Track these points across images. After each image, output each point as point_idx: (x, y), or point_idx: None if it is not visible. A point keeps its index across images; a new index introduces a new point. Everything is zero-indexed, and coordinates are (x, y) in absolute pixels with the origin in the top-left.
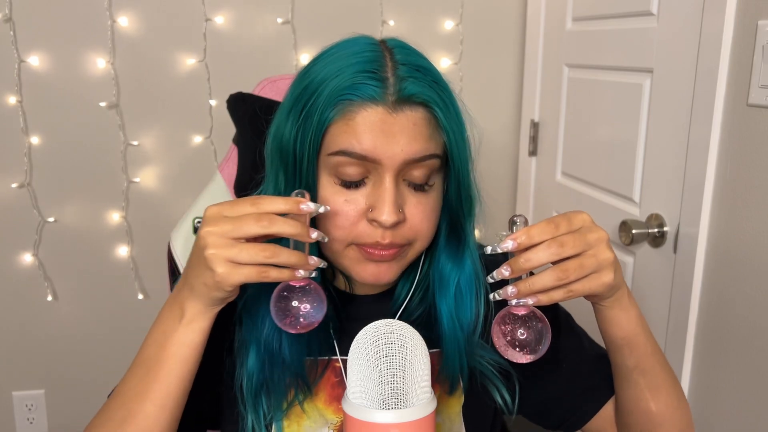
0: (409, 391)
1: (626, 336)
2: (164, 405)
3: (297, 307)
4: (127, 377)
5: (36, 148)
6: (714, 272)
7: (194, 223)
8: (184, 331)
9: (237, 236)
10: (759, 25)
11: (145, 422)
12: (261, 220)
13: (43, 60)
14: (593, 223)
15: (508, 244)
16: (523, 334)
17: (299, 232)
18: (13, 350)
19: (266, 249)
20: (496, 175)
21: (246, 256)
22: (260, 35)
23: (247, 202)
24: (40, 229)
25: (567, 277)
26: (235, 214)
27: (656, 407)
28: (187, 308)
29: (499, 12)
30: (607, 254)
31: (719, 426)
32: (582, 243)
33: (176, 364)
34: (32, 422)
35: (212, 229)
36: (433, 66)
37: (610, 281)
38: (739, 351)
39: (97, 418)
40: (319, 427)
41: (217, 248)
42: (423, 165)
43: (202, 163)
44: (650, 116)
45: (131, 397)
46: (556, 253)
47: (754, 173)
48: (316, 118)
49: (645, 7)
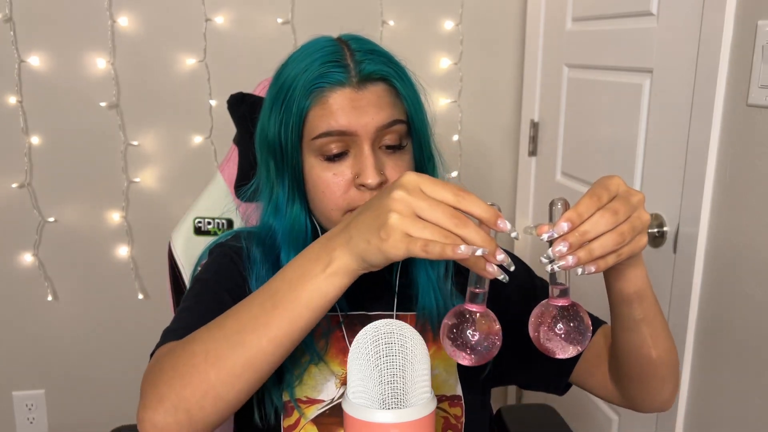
0: (409, 391)
1: (638, 290)
2: (280, 345)
3: (470, 336)
4: (249, 304)
5: (36, 148)
6: (714, 272)
7: (194, 223)
8: (325, 281)
9: (425, 217)
10: (759, 25)
11: (256, 355)
12: (455, 218)
13: (43, 60)
14: (627, 186)
15: (563, 227)
16: (572, 326)
17: (485, 245)
18: (13, 350)
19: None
20: (496, 175)
21: (427, 235)
22: (260, 35)
23: (450, 190)
24: (40, 229)
25: (623, 241)
26: (433, 195)
27: (656, 353)
28: (335, 258)
29: (499, 12)
30: (646, 216)
31: (719, 426)
32: (630, 207)
33: (305, 309)
34: (32, 422)
35: (406, 197)
36: (384, 49)
37: (645, 242)
38: (738, 351)
39: (209, 334)
40: (325, 379)
41: (403, 216)
42: (392, 130)
43: (202, 163)
44: (650, 116)
45: (250, 326)
46: (612, 222)
47: (754, 173)
48: (295, 108)
49: (645, 7)
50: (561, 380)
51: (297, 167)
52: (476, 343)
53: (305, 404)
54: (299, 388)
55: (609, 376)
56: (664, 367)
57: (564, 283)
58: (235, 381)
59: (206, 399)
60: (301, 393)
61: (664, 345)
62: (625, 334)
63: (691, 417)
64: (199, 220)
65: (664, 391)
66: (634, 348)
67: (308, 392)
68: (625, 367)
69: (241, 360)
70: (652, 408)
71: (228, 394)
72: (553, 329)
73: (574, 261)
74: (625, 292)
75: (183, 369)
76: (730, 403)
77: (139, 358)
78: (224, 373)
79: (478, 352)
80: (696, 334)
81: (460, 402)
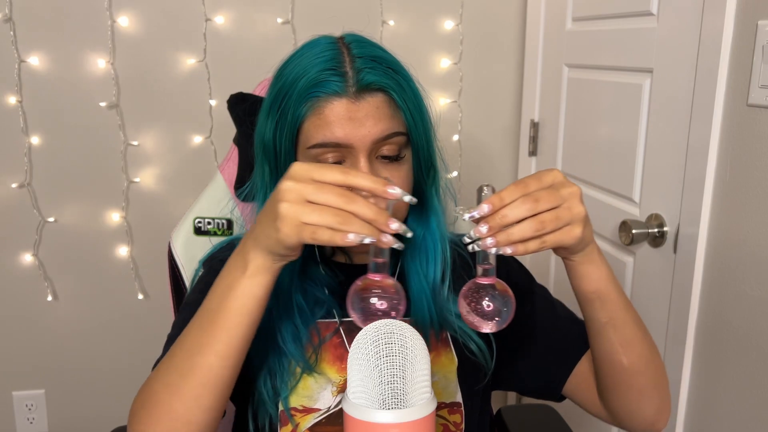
0: (409, 391)
1: (597, 290)
2: (227, 356)
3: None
4: (190, 329)
5: (36, 148)
6: (714, 272)
7: (194, 224)
8: (248, 284)
9: (314, 200)
10: (759, 25)
11: (207, 374)
12: (343, 196)
13: (43, 60)
14: (565, 179)
15: (483, 208)
16: (489, 305)
17: (376, 218)
18: (13, 350)
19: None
20: (496, 175)
21: (317, 218)
22: (260, 35)
23: (338, 170)
24: (40, 229)
25: (543, 228)
26: (321, 179)
27: (628, 361)
28: (250, 260)
29: (499, 12)
30: (580, 208)
31: (719, 426)
32: (556, 197)
33: (239, 316)
34: (32, 422)
35: (293, 185)
36: (388, 54)
37: (580, 234)
38: (738, 351)
39: (163, 367)
40: (323, 386)
41: (292, 204)
42: (390, 142)
43: (202, 163)
44: (650, 116)
45: (195, 348)
46: (531, 208)
47: (754, 173)
48: (290, 116)
49: (645, 7)
50: (554, 390)
51: None
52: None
53: (301, 413)
54: (294, 397)
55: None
56: (641, 378)
57: (489, 263)
58: (199, 403)
59: (178, 428)
60: (297, 402)
61: (638, 353)
62: (595, 338)
63: (691, 417)
64: (199, 220)
65: (645, 407)
66: (605, 354)
67: (304, 401)
68: (600, 376)
69: (196, 383)
70: (638, 426)
71: (197, 416)
72: (474, 305)
73: (492, 242)
74: (583, 290)
75: (150, 406)
76: (730, 403)
77: (139, 358)
78: (186, 399)
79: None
80: (696, 334)
81: (459, 409)
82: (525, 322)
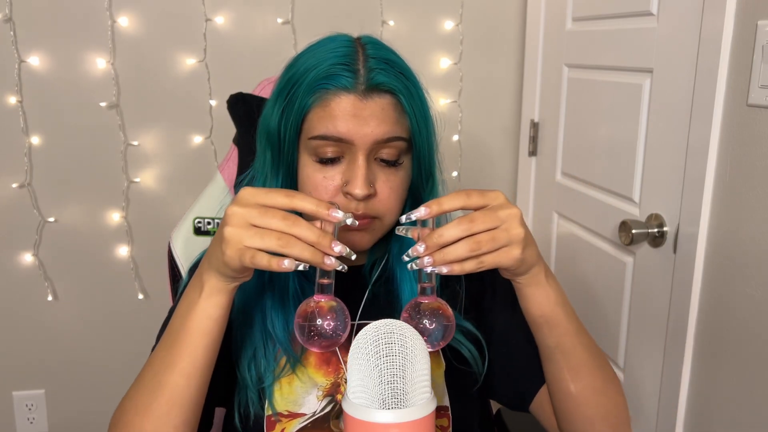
0: (409, 391)
1: (544, 314)
2: (191, 375)
3: (321, 325)
4: (157, 348)
5: (36, 148)
6: (714, 272)
7: (194, 224)
8: (204, 305)
9: (258, 224)
10: (759, 25)
11: (173, 392)
12: (285, 219)
13: (43, 60)
14: (506, 201)
15: (421, 211)
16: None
17: (319, 240)
18: (13, 350)
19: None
20: (496, 175)
21: (258, 242)
22: (260, 35)
23: (282, 193)
24: (40, 229)
25: (479, 249)
26: (265, 203)
27: (575, 388)
28: (205, 282)
29: (499, 12)
30: (518, 230)
31: (719, 425)
32: (493, 218)
33: (199, 336)
34: (32, 422)
35: (238, 210)
36: (401, 60)
37: (519, 255)
38: (738, 351)
39: (133, 387)
40: (308, 390)
41: (236, 228)
42: (391, 146)
43: (202, 163)
44: (650, 116)
45: (161, 368)
46: (467, 229)
47: (754, 173)
48: (297, 104)
49: (645, 7)
50: (523, 402)
51: (293, 163)
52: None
53: (287, 418)
54: (280, 402)
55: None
56: (589, 408)
57: (430, 282)
58: (167, 420)
59: None
60: (283, 407)
61: (587, 382)
62: (545, 362)
63: (691, 417)
64: (198, 220)
65: None
66: (554, 380)
67: (289, 406)
68: (552, 400)
69: (163, 401)
70: None
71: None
72: (415, 324)
73: (429, 261)
74: (530, 314)
75: (121, 426)
76: (730, 403)
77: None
78: (154, 418)
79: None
80: (696, 334)
81: (447, 413)
82: (503, 330)
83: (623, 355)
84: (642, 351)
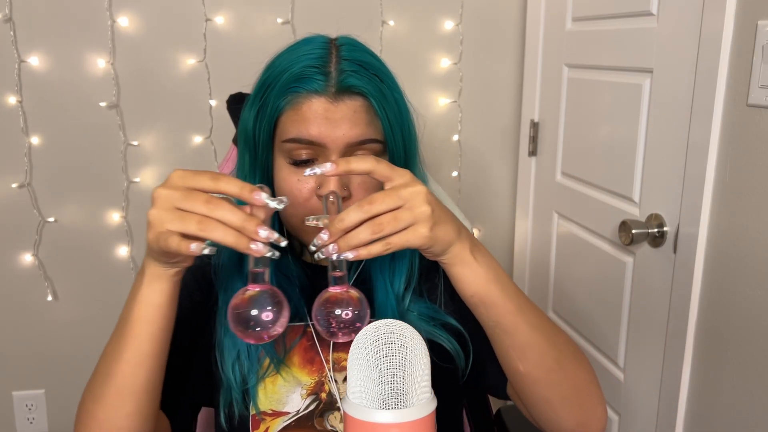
0: (409, 391)
1: (476, 293)
2: (138, 364)
3: (257, 315)
4: (110, 339)
5: (36, 148)
6: (714, 272)
7: None
8: (146, 292)
9: (181, 207)
10: (759, 25)
11: (122, 381)
12: (208, 202)
13: (43, 60)
14: (412, 179)
15: (326, 166)
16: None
17: (243, 225)
18: (13, 350)
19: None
20: (496, 175)
21: (178, 225)
22: (260, 35)
23: (208, 176)
24: (40, 229)
25: (382, 230)
26: (192, 185)
27: (524, 368)
28: (146, 268)
29: (499, 12)
30: (423, 208)
31: (719, 425)
32: (394, 198)
33: (143, 324)
34: (32, 422)
35: (164, 192)
36: (377, 61)
37: (426, 233)
38: (738, 351)
39: (92, 375)
40: (292, 389)
41: (159, 210)
42: (365, 148)
43: (202, 163)
44: (650, 116)
45: (110, 357)
46: (367, 210)
47: (754, 173)
48: (270, 107)
49: (645, 7)
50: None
51: (268, 165)
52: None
53: (270, 417)
54: (265, 401)
55: None
56: (542, 388)
57: (341, 271)
58: (119, 409)
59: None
60: (267, 406)
61: (536, 361)
62: (492, 342)
63: (691, 417)
64: None
65: (562, 419)
66: (502, 359)
67: (273, 405)
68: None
69: (113, 390)
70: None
71: (120, 422)
72: (325, 314)
73: (334, 248)
74: (462, 293)
75: (81, 416)
76: (730, 404)
77: None
78: (107, 406)
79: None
80: (696, 334)
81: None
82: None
83: (623, 355)
84: (642, 351)
